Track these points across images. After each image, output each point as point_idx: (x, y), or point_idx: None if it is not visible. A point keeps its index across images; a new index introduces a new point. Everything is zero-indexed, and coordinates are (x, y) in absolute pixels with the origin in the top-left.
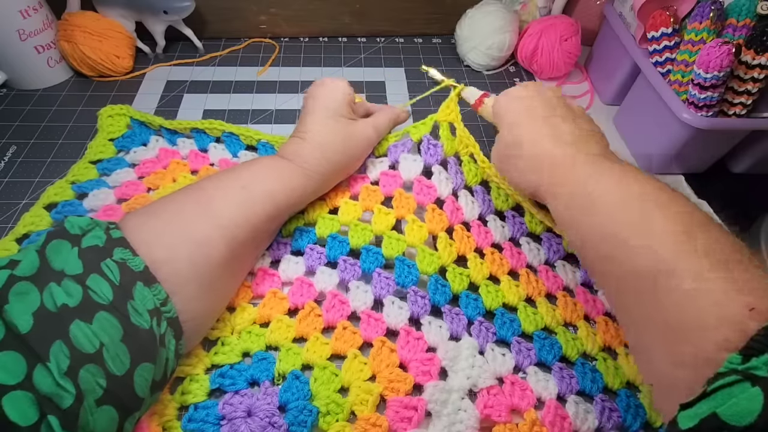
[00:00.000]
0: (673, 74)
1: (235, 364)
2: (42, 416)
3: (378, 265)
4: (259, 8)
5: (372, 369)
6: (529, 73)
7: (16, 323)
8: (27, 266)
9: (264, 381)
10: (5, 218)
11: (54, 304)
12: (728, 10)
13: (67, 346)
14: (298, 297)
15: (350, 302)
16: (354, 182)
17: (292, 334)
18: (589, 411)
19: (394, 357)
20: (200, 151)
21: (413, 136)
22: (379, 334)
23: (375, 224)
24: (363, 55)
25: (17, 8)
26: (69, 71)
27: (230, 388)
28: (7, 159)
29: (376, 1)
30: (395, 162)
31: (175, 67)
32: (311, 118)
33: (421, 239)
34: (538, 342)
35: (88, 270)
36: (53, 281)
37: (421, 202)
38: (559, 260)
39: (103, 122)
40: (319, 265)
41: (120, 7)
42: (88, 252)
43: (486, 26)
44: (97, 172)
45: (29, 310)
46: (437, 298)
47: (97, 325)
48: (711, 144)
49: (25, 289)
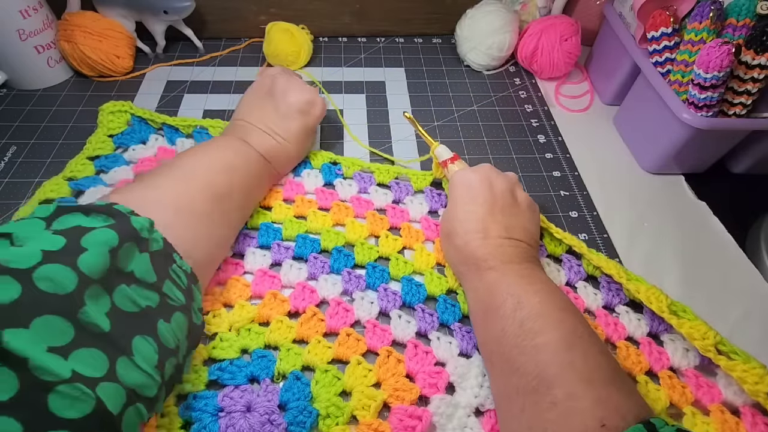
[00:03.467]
0: (673, 74)
1: (235, 359)
2: (128, 403)
3: (384, 282)
4: (259, 8)
5: (377, 376)
6: (529, 72)
7: (98, 323)
8: (99, 263)
9: (264, 378)
10: (5, 218)
11: (135, 305)
12: (728, 10)
13: (156, 343)
14: (299, 301)
15: (355, 311)
16: (358, 205)
17: (293, 336)
18: None
19: (401, 367)
20: None
21: (414, 184)
22: (385, 344)
23: (382, 246)
24: (363, 55)
25: (17, 8)
26: (69, 71)
27: (229, 382)
28: (7, 159)
29: (376, 1)
30: (399, 200)
31: (175, 67)
32: (296, 129)
33: (429, 265)
34: None
35: (161, 277)
36: (123, 283)
37: (429, 236)
38: (580, 281)
39: (104, 118)
40: (322, 273)
41: (120, 7)
42: (157, 258)
43: (486, 26)
44: (95, 168)
45: (103, 310)
46: (446, 317)
47: (174, 323)
48: (711, 144)
49: (97, 292)
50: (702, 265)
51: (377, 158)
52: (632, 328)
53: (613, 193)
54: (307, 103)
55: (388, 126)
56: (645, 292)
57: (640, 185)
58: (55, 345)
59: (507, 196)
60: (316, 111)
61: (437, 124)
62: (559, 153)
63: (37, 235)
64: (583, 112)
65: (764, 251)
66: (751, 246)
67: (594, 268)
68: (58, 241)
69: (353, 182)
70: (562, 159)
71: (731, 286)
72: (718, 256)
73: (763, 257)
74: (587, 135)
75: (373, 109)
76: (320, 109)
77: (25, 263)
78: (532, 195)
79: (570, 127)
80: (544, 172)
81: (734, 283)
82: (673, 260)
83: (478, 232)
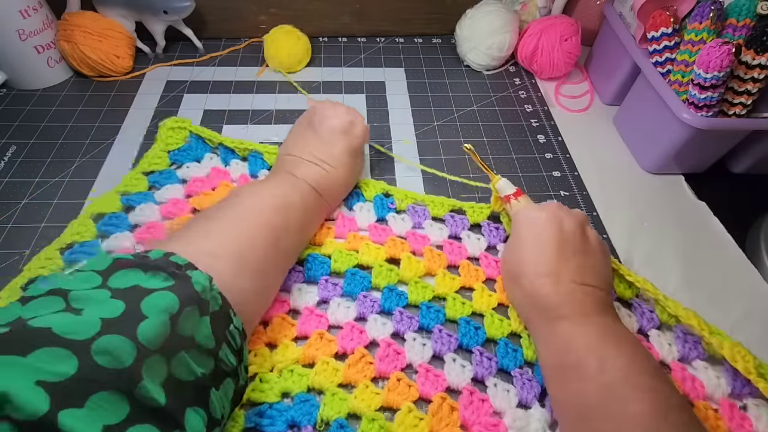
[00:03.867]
0: (673, 74)
1: (274, 403)
2: None
3: (439, 323)
4: (259, 8)
5: (429, 426)
6: (529, 72)
7: (155, 397)
8: (159, 332)
9: (306, 426)
10: (5, 218)
11: (191, 373)
12: (728, 10)
13: (206, 414)
14: (347, 341)
15: (406, 353)
16: (414, 241)
17: (339, 379)
18: None
19: (455, 416)
20: (250, 176)
21: (470, 217)
22: (438, 390)
23: (439, 286)
24: (363, 55)
25: (17, 8)
26: (69, 71)
27: (268, 429)
28: (7, 159)
29: (376, 1)
30: (455, 234)
31: (175, 67)
32: (340, 153)
33: (490, 306)
34: None
35: (219, 341)
36: (183, 350)
37: (490, 275)
38: (653, 329)
39: (163, 133)
40: (372, 312)
41: (120, 7)
42: (216, 320)
43: (486, 26)
44: (148, 184)
45: (159, 380)
46: (506, 362)
47: (222, 390)
48: (711, 144)
49: (156, 361)
50: (702, 265)
51: (428, 174)
52: (712, 387)
53: (613, 193)
54: (348, 123)
55: (388, 126)
56: (729, 348)
57: (640, 185)
58: (110, 423)
59: (578, 237)
60: (357, 130)
61: (437, 124)
62: (559, 153)
63: (95, 297)
64: (583, 112)
65: (764, 251)
66: (751, 246)
67: (669, 316)
68: (117, 306)
69: (407, 216)
70: (562, 159)
71: (731, 286)
72: (718, 256)
73: (763, 257)
74: (587, 135)
75: (373, 109)
76: (361, 128)
77: (84, 334)
78: (532, 195)
79: (570, 127)
80: (543, 172)
81: (734, 283)
82: (673, 260)
83: (549, 276)
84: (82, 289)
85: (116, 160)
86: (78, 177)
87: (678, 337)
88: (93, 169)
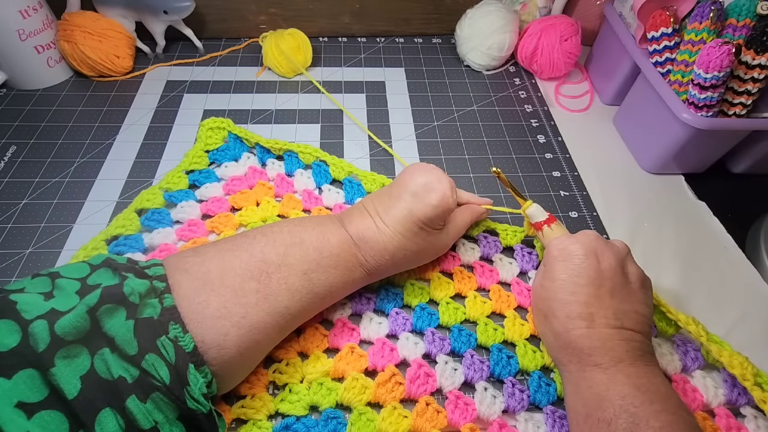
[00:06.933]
0: (673, 74)
1: (302, 417)
2: None
3: (471, 347)
4: (259, 8)
5: None
6: (529, 72)
7: (63, 388)
8: (75, 325)
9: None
10: (5, 218)
11: (109, 373)
12: (728, 10)
13: (123, 419)
14: (378, 358)
15: (437, 377)
16: (444, 259)
17: (368, 397)
18: None
19: None
20: (287, 176)
21: (502, 240)
22: (467, 420)
23: (470, 309)
24: (363, 55)
25: (17, 8)
26: (69, 71)
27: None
28: (7, 159)
29: (375, 1)
30: (487, 256)
31: (175, 67)
32: (398, 214)
33: (522, 336)
34: None
35: (144, 349)
36: (106, 347)
37: (521, 303)
38: (697, 370)
39: (203, 133)
40: (404, 330)
41: (120, 7)
42: (145, 327)
43: (486, 26)
44: (188, 182)
45: (77, 373)
46: (539, 396)
47: (151, 404)
48: (711, 144)
49: (74, 352)
50: (701, 265)
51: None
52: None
53: (612, 193)
54: (422, 186)
55: (388, 126)
56: None
57: (640, 185)
58: (26, 401)
59: (618, 275)
60: (431, 198)
61: (437, 124)
62: (559, 153)
63: (67, 288)
64: (583, 112)
65: (764, 251)
66: (750, 246)
67: (715, 359)
68: (72, 299)
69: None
70: (562, 159)
71: (730, 286)
72: (717, 256)
73: (763, 257)
74: (587, 135)
75: (373, 109)
76: (438, 197)
77: (30, 314)
78: (532, 195)
79: (570, 127)
80: (543, 172)
81: (733, 283)
82: (673, 260)
83: (582, 318)
84: (69, 277)
85: (116, 160)
86: (78, 177)
87: (726, 381)
88: (93, 169)
